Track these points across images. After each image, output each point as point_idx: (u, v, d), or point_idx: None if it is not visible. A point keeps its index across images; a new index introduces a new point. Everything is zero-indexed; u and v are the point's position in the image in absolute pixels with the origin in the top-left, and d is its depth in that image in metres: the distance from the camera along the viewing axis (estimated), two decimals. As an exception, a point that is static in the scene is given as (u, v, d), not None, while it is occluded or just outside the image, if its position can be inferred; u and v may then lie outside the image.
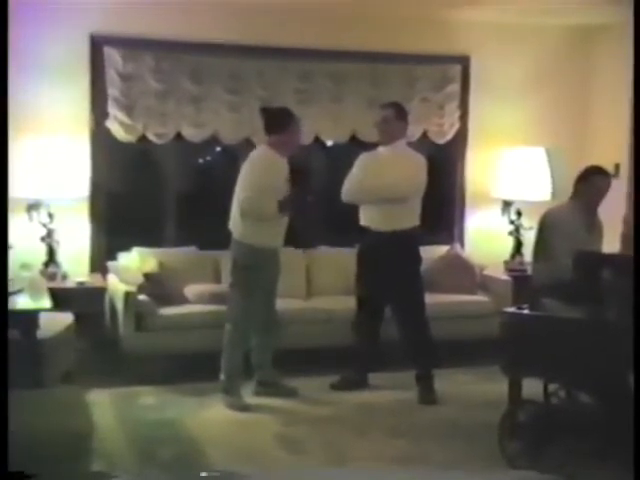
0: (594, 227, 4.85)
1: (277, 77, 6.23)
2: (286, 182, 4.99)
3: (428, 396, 5.18)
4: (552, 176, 6.61)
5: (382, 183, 5.11)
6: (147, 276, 5.59)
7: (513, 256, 6.68)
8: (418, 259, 5.33)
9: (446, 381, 5.49)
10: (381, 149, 5.31)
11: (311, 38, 6.14)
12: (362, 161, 5.30)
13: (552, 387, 4.49)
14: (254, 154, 5.08)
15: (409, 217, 5.23)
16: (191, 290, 5.73)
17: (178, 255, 5.99)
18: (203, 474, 2.91)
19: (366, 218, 5.27)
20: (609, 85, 6.66)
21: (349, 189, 5.23)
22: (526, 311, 4.34)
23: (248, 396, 5.09)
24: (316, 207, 5.42)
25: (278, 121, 5.00)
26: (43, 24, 5.66)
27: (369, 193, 5.18)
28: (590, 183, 4.76)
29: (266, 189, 4.87)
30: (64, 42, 5.75)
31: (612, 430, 3.88)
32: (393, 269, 5.16)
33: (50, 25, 5.69)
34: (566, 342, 4.07)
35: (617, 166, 6.33)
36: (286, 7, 6.00)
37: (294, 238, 6.25)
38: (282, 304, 5.35)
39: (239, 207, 4.94)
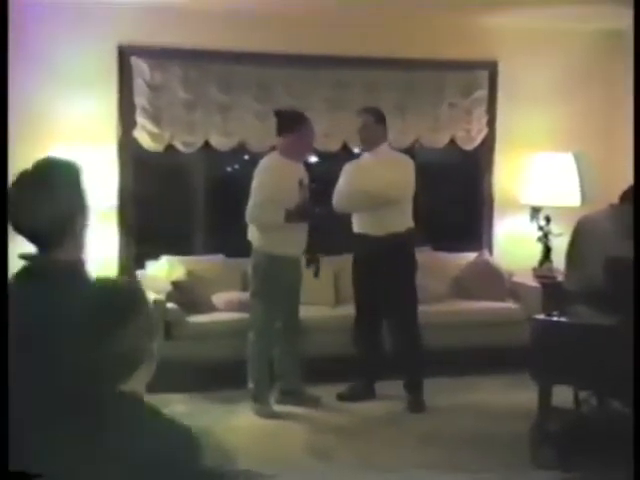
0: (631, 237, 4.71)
1: (305, 85, 6.24)
2: (300, 188, 4.98)
3: (416, 405, 5.13)
4: (581, 181, 6.55)
5: (369, 188, 5.08)
6: (175, 284, 5.61)
7: (542, 262, 6.61)
8: (413, 263, 5.27)
9: (474, 388, 5.47)
10: (365, 155, 5.34)
11: (340, 46, 6.12)
12: (346, 170, 5.33)
13: (583, 394, 4.45)
14: (262, 161, 5.10)
15: (402, 220, 5.19)
16: (220, 298, 5.75)
17: (206, 263, 6.01)
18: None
19: (360, 225, 5.25)
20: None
21: (338, 199, 5.22)
22: (556, 318, 4.30)
23: (272, 404, 5.09)
24: (331, 216, 5.39)
25: (290, 122, 5.02)
26: (72, 36, 5.73)
27: (358, 200, 5.16)
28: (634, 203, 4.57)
29: (272, 197, 4.88)
30: (93, 53, 5.81)
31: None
32: (389, 273, 5.12)
33: (79, 37, 5.75)
34: (597, 349, 4.03)
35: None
36: (315, 15, 6.00)
37: (321, 245, 6.27)
38: (310, 312, 5.36)
39: (246, 214, 4.98)
